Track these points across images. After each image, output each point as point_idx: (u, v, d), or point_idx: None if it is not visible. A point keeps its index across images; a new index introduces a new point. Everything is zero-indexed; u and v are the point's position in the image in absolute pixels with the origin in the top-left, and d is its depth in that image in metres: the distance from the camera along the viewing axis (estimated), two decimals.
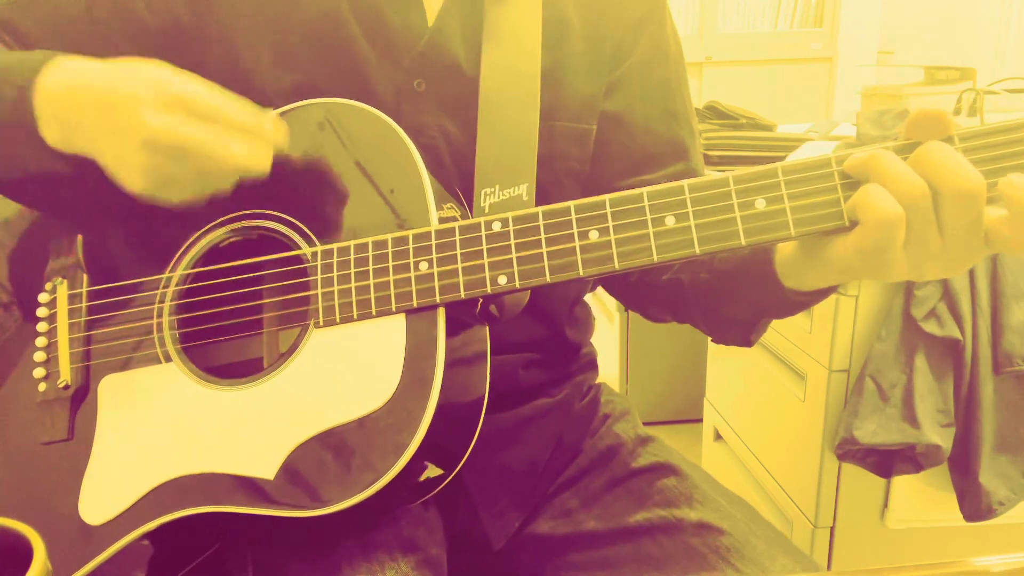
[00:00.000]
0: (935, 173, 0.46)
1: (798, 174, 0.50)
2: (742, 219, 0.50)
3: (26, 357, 0.63)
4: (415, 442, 0.52)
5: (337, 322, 0.56)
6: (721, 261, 0.65)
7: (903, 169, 0.47)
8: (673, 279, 0.70)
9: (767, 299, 0.61)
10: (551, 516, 0.73)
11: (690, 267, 0.68)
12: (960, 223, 0.46)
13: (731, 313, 0.66)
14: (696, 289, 0.68)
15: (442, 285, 0.55)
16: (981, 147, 0.47)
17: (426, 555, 0.65)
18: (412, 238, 0.56)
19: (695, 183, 0.51)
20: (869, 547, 1.28)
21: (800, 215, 0.49)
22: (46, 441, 0.60)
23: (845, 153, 0.49)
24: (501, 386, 0.64)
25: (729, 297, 0.65)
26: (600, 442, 0.77)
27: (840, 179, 0.49)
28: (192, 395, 0.58)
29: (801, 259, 0.55)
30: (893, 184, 0.46)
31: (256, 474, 0.55)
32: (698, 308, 0.69)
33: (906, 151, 0.48)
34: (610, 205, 0.53)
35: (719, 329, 0.70)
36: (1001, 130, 0.47)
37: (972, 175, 0.45)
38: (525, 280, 0.54)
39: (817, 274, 0.55)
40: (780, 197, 0.50)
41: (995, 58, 2.76)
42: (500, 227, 0.54)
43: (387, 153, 0.59)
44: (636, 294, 0.77)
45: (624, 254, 0.52)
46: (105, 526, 0.57)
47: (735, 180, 0.50)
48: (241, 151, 0.52)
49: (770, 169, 0.50)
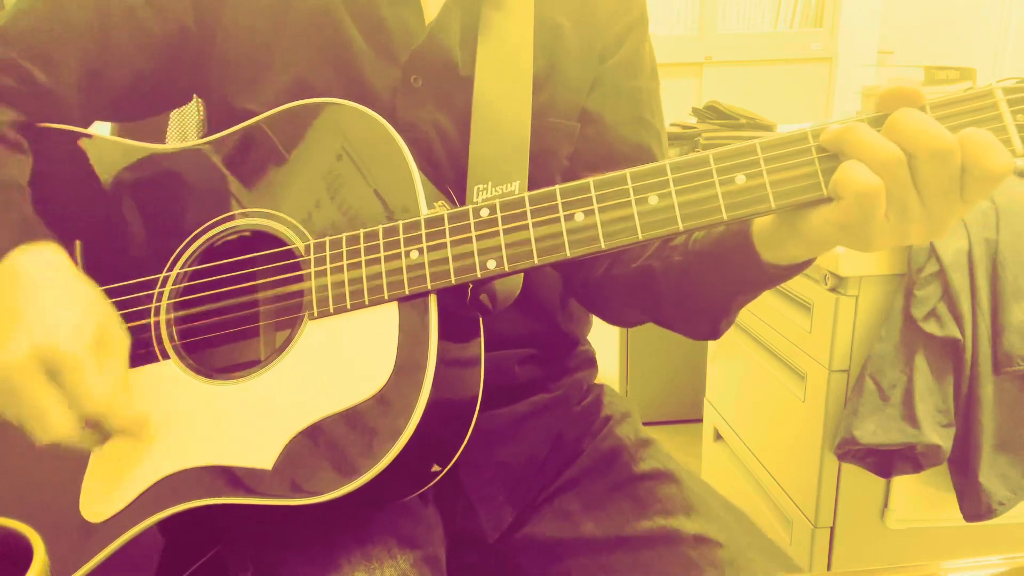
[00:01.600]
0: (908, 137, 0.47)
1: (776, 150, 0.51)
2: (723, 195, 0.51)
3: None
4: (411, 426, 0.53)
5: (331, 313, 0.57)
6: (696, 243, 0.65)
7: (877, 137, 0.48)
8: (643, 266, 0.70)
9: (743, 274, 0.61)
10: (551, 517, 0.73)
11: (663, 252, 0.68)
12: (937, 183, 0.48)
13: (704, 296, 0.66)
14: (668, 275, 0.67)
15: (432, 272, 0.56)
16: (951, 115, 0.49)
17: (425, 553, 0.65)
18: (402, 227, 0.57)
19: (676, 162, 0.53)
20: (869, 547, 1.28)
21: (779, 188, 0.51)
22: None
23: (821, 127, 0.51)
24: (498, 381, 0.65)
25: (704, 278, 0.65)
26: (602, 444, 0.77)
27: (817, 152, 0.51)
28: (190, 390, 0.59)
29: (781, 230, 0.55)
30: (868, 152, 0.48)
31: (254, 465, 0.55)
32: (669, 296, 0.69)
33: (878, 123, 0.49)
34: (594, 188, 0.54)
35: (689, 318, 0.70)
36: (968, 98, 0.49)
37: (944, 134, 0.46)
38: (514, 263, 0.55)
39: (796, 246, 0.55)
40: (760, 172, 0.51)
41: (995, 58, 2.76)
42: (488, 213, 0.56)
43: (378, 149, 0.60)
44: (599, 290, 0.77)
45: (609, 234, 0.53)
46: (106, 523, 0.58)
47: (715, 158, 0.52)
48: (57, 429, 0.51)
49: (749, 146, 0.51)
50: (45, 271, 0.55)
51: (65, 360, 0.51)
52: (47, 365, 0.51)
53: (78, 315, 0.54)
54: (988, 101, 0.48)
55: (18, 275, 0.54)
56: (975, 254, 1.10)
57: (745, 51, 3.04)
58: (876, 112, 0.50)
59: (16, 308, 0.53)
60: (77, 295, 0.55)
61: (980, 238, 1.11)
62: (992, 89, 0.48)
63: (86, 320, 0.54)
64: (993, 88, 0.48)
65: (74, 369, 0.51)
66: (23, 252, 0.55)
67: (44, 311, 0.52)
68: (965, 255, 1.10)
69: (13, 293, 0.53)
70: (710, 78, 3.04)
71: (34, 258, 0.56)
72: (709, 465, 1.79)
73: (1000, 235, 1.11)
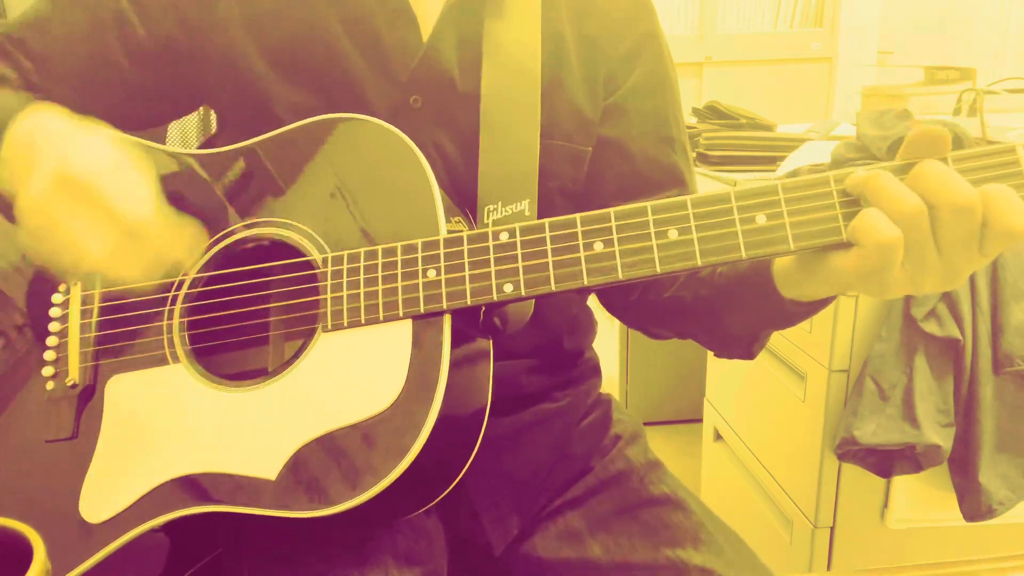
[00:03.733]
0: (932, 190, 0.47)
1: (798, 192, 0.52)
2: (743, 233, 0.52)
3: (36, 356, 0.63)
4: (417, 445, 0.52)
5: (345, 326, 0.57)
6: (720, 277, 0.65)
7: (900, 188, 0.48)
8: (675, 296, 0.70)
9: (767, 311, 0.62)
10: (556, 535, 0.73)
11: (691, 285, 0.69)
12: (957, 237, 0.48)
13: (733, 327, 0.67)
14: (698, 306, 0.68)
15: (449, 292, 0.55)
16: (973, 168, 0.49)
17: (425, 570, 0.65)
18: (421, 246, 0.57)
19: (698, 198, 0.53)
20: (869, 547, 1.28)
21: (799, 230, 0.51)
22: (50, 439, 0.61)
23: (844, 172, 0.51)
24: (503, 391, 0.65)
25: (730, 311, 0.66)
26: (611, 464, 0.77)
27: (838, 197, 0.51)
28: (197, 396, 0.59)
29: (799, 272, 0.56)
30: (891, 203, 0.48)
31: (258, 474, 0.55)
32: (701, 324, 0.70)
33: (903, 172, 0.50)
34: (615, 218, 0.54)
35: (722, 344, 0.71)
36: (990, 153, 0.49)
37: (967, 189, 0.47)
38: (531, 289, 0.55)
39: (815, 287, 0.56)
40: (780, 213, 0.51)
41: (995, 58, 2.76)
42: (507, 237, 0.56)
43: (397, 165, 0.60)
44: (638, 313, 0.78)
45: (628, 265, 0.53)
46: (105, 524, 0.57)
47: (736, 196, 0.52)
48: (100, 254, 0.51)
49: (771, 186, 0.52)
50: (50, 121, 0.56)
51: (85, 179, 0.51)
52: (71, 189, 0.51)
53: (91, 141, 0.53)
54: (1010, 157, 0.49)
55: (28, 132, 0.55)
56: None
57: (745, 51, 3.04)
58: (902, 158, 0.50)
59: (30, 155, 0.53)
60: (85, 129, 0.55)
61: None
62: (1015, 146, 0.49)
63: (104, 144, 0.54)
64: (1016, 145, 0.49)
65: (100, 183, 0.51)
66: (21, 119, 0.56)
67: (57, 146, 0.53)
68: None
69: (27, 144, 0.55)
70: (710, 78, 3.04)
71: (39, 114, 0.57)
72: (709, 465, 1.79)
73: None
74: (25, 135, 0.55)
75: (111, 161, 0.53)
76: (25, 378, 0.63)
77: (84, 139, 0.54)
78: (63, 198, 0.51)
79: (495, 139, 0.66)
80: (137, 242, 0.52)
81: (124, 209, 0.51)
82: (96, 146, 0.53)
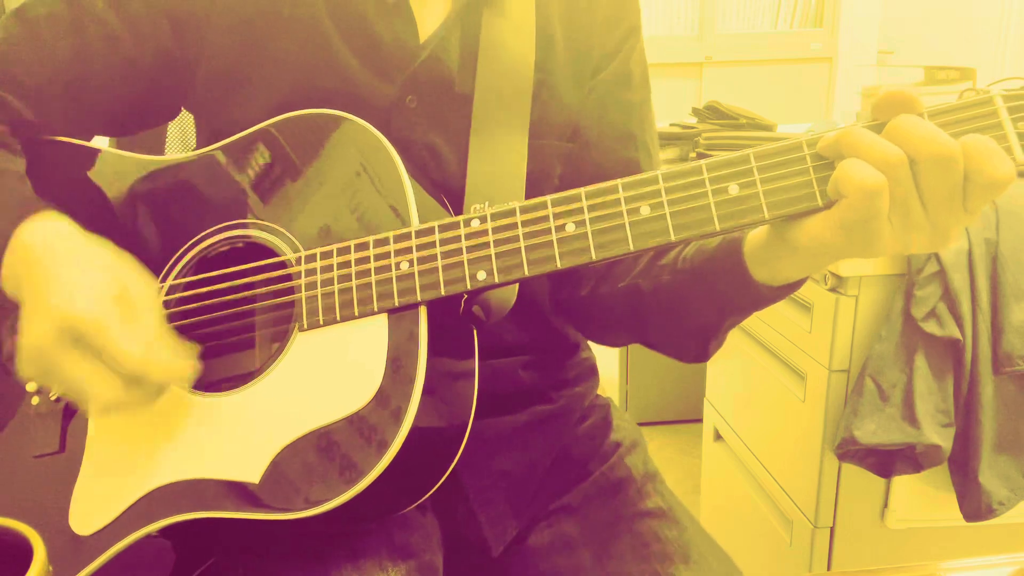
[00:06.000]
0: (910, 142, 0.46)
1: (770, 159, 0.50)
2: (716, 205, 0.51)
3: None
4: (399, 439, 0.52)
5: (321, 324, 0.57)
6: (684, 261, 0.64)
7: (877, 139, 0.47)
8: (631, 286, 0.69)
9: (734, 294, 0.60)
10: (551, 538, 0.73)
11: (650, 270, 0.67)
12: (940, 190, 0.47)
13: (694, 316, 0.65)
14: (656, 295, 0.66)
15: (422, 283, 0.55)
16: (951, 122, 0.48)
17: (420, 562, 0.65)
18: (393, 239, 0.56)
19: (669, 172, 0.52)
20: (869, 547, 1.28)
21: (773, 198, 0.50)
22: (37, 454, 0.61)
23: (816, 135, 0.50)
24: (500, 388, 0.64)
25: (693, 297, 0.64)
26: (611, 472, 0.76)
27: (812, 161, 0.50)
28: (179, 403, 0.59)
29: (773, 245, 0.54)
30: (870, 154, 0.46)
31: (242, 478, 0.55)
32: (657, 316, 0.68)
33: (877, 130, 0.48)
34: (586, 197, 0.53)
35: (678, 339, 0.69)
36: (968, 105, 0.48)
37: (947, 140, 0.45)
38: (504, 275, 0.54)
39: (789, 261, 0.54)
40: (753, 182, 0.50)
41: (995, 58, 2.76)
42: (479, 224, 0.55)
43: (369, 160, 0.59)
44: (588, 310, 0.76)
45: (601, 245, 0.53)
46: (94, 536, 0.57)
47: (708, 167, 0.51)
48: (100, 402, 0.51)
49: (742, 155, 0.51)
50: (54, 241, 0.55)
51: (88, 326, 0.50)
52: (73, 335, 0.50)
53: (93, 277, 0.53)
54: (988, 108, 0.47)
55: (29, 250, 0.54)
56: (975, 254, 1.10)
57: (745, 51, 3.04)
58: (873, 119, 0.49)
59: (34, 286, 0.53)
60: (89, 257, 0.55)
61: (980, 238, 1.11)
62: (992, 96, 0.47)
63: (102, 280, 0.53)
64: (993, 96, 0.47)
65: (98, 333, 0.50)
66: (29, 228, 0.55)
67: (60, 281, 0.52)
68: (965, 255, 1.10)
69: (29, 270, 0.54)
70: (710, 78, 3.04)
71: (41, 229, 0.56)
72: (709, 465, 1.79)
73: (1000, 235, 1.11)
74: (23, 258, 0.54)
75: (115, 299, 0.52)
76: (10, 394, 0.62)
77: (88, 273, 0.53)
78: (66, 346, 0.50)
79: (485, 140, 0.66)
80: (138, 386, 0.53)
81: (127, 357, 0.51)
82: (100, 283, 0.53)
